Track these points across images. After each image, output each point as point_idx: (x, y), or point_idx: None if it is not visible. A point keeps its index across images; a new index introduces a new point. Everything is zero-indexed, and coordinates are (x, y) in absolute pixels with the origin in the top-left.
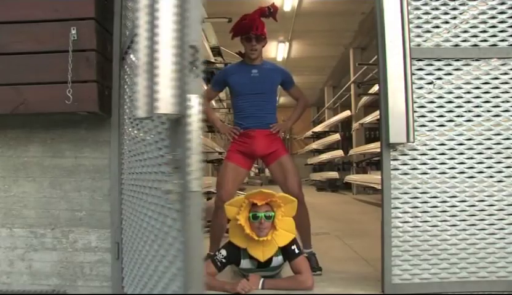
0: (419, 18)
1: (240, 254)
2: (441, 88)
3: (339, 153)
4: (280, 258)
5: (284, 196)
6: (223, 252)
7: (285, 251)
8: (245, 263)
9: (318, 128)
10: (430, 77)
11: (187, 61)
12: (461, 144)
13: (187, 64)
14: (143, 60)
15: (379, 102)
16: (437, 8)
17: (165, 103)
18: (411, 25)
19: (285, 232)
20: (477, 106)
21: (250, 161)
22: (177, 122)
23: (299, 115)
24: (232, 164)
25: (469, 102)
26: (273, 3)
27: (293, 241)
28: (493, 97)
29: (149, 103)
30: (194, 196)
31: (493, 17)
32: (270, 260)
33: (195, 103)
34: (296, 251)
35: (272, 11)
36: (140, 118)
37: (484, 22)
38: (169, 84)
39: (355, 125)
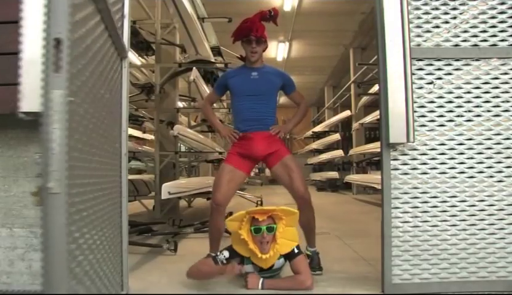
0: (419, 18)
1: (243, 259)
2: (441, 88)
3: (339, 153)
4: (281, 260)
5: (285, 209)
6: (226, 254)
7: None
8: (248, 268)
9: (318, 128)
10: (430, 77)
11: (50, 55)
12: (461, 144)
13: (50, 58)
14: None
15: (379, 102)
16: (437, 8)
17: (28, 101)
18: (411, 25)
19: (287, 241)
20: (477, 106)
21: (251, 164)
22: (40, 120)
23: (300, 119)
24: (230, 166)
25: (469, 102)
26: (274, 7)
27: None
28: (493, 97)
29: (15, 99)
30: (55, 198)
31: (493, 17)
32: (272, 264)
33: (57, 99)
34: (296, 250)
35: (273, 15)
36: (21, 118)
37: (484, 22)
38: (31, 79)
39: (355, 125)
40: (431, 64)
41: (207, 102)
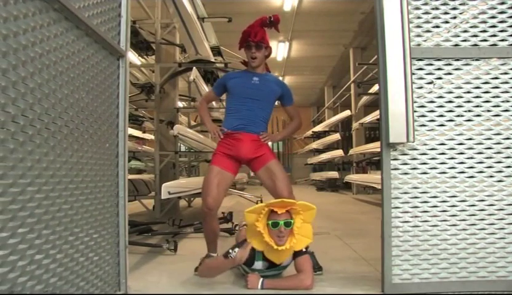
0: (419, 17)
1: (254, 256)
2: (441, 87)
3: (339, 153)
4: (290, 257)
5: (304, 204)
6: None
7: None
8: (258, 265)
9: (318, 128)
10: (430, 77)
11: None
12: (461, 144)
13: None
14: None
15: (379, 102)
16: (437, 8)
17: None
18: (411, 25)
19: (302, 238)
20: (477, 106)
21: (236, 165)
22: None
23: (290, 133)
24: (217, 168)
25: (469, 102)
26: (275, 14)
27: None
28: (493, 97)
29: None
30: None
31: (493, 17)
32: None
33: None
34: (304, 249)
35: (273, 21)
36: None
37: (484, 22)
38: None
39: (355, 125)
40: (431, 64)
41: (203, 100)
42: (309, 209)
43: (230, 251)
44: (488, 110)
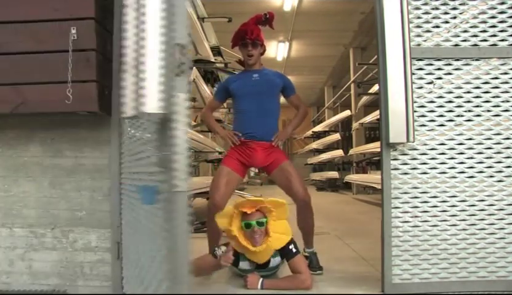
0: (419, 17)
1: (238, 256)
2: (441, 87)
3: (339, 153)
4: (278, 259)
5: (273, 200)
6: (223, 248)
7: (283, 251)
8: (243, 265)
9: (318, 128)
10: (430, 77)
11: (174, 59)
12: (461, 144)
13: (174, 62)
14: (131, 56)
15: (379, 102)
16: (437, 8)
17: (151, 102)
18: (411, 25)
19: (280, 235)
20: (477, 106)
21: (246, 169)
22: (164, 121)
23: (299, 122)
24: (228, 169)
25: (469, 102)
26: (270, 11)
27: (290, 241)
28: (493, 97)
29: (136, 102)
30: (180, 196)
31: (493, 17)
32: (268, 261)
33: (181, 101)
34: (294, 250)
35: (268, 18)
36: (128, 117)
37: (484, 22)
38: (155, 82)
39: (355, 125)
40: (431, 64)
41: (207, 109)
42: (280, 206)
43: (216, 249)
44: (488, 111)
